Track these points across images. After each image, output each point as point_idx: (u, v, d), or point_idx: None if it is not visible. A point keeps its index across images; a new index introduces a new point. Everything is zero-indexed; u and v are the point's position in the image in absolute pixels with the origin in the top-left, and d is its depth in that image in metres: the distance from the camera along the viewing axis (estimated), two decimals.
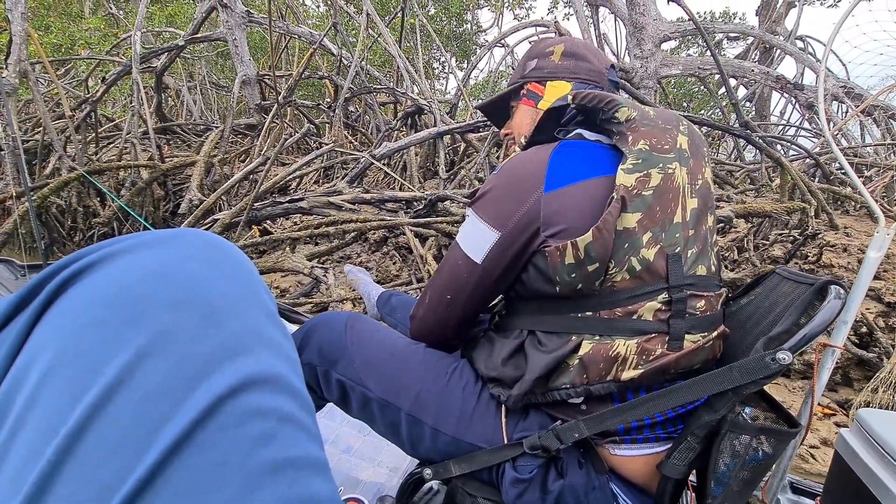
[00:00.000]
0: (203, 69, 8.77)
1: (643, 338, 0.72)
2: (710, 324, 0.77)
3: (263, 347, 0.29)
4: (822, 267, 3.09)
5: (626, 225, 0.72)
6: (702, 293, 0.76)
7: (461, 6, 11.37)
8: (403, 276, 3.52)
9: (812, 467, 2.15)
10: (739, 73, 5.99)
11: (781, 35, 8.12)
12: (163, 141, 5.83)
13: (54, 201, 4.01)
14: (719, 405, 0.67)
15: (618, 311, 0.73)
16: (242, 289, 0.31)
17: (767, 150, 3.78)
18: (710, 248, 0.81)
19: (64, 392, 0.24)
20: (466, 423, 0.82)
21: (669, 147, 0.77)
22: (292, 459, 0.26)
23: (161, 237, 0.30)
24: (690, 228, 0.76)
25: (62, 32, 7.03)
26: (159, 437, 0.23)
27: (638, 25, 5.66)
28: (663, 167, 0.75)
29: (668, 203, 0.75)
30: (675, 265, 0.74)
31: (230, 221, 3.28)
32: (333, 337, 0.92)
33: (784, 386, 2.76)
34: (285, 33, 5.81)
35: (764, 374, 0.64)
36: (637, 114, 0.78)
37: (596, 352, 0.73)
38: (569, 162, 0.78)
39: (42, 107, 4.01)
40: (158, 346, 0.25)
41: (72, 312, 0.26)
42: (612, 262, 0.72)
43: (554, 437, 0.74)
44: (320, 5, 11.44)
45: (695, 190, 0.79)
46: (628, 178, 0.73)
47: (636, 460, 0.76)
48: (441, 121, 4.75)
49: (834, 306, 0.68)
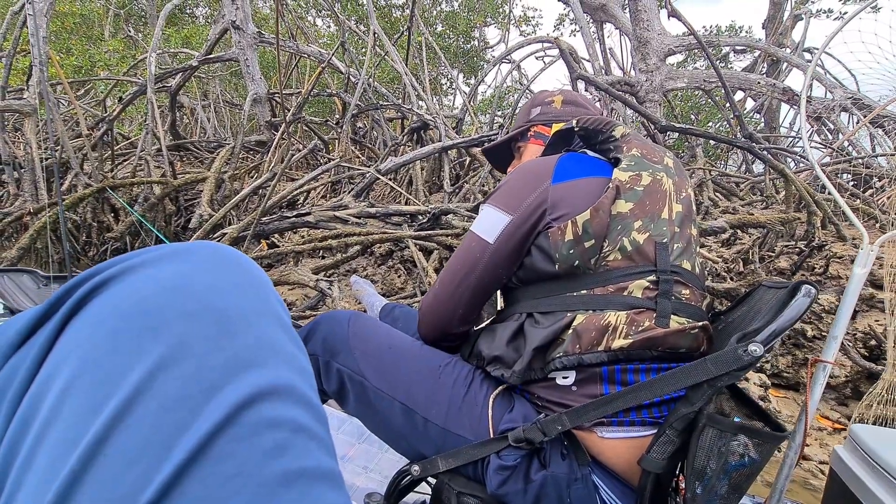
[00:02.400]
0: (217, 88, 9.00)
1: (633, 311, 0.79)
2: (695, 313, 0.83)
3: (277, 359, 0.30)
4: (829, 278, 3.05)
5: (620, 210, 0.81)
6: (687, 283, 0.83)
7: (468, 24, 11.57)
8: (408, 289, 3.54)
9: (820, 483, 2.10)
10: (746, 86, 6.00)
11: (788, 48, 8.12)
12: (176, 158, 5.98)
13: (70, 217, 4.12)
14: (696, 398, 0.69)
15: (610, 287, 0.81)
16: (257, 300, 0.31)
17: (771, 161, 3.77)
18: (693, 250, 0.88)
19: (86, 402, 0.25)
20: (455, 414, 0.86)
21: (658, 160, 0.89)
22: (305, 470, 0.27)
23: (178, 250, 0.31)
24: (676, 226, 0.85)
25: (83, 55, 7.28)
26: (177, 447, 0.24)
27: (642, 40, 5.71)
28: (653, 172, 0.86)
29: (657, 201, 0.84)
30: (663, 252, 0.82)
31: (238, 235, 3.35)
32: (337, 330, 0.98)
33: (793, 400, 2.72)
34: (295, 52, 5.96)
35: (737, 365, 0.66)
36: (630, 131, 0.93)
37: (588, 321, 0.78)
38: (573, 164, 0.90)
39: (60, 126, 4.15)
40: (176, 357, 0.26)
41: (93, 324, 0.27)
42: (607, 241, 0.80)
43: (538, 430, 0.77)
44: (330, 25, 11.72)
45: (679, 199, 0.88)
46: (622, 174, 0.84)
47: (622, 443, 0.77)
48: (446, 135, 4.81)
49: (801, 303, 0.71)
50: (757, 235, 3.50)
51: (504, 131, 4.51)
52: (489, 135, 4.72)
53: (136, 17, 10.97)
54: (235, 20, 5.22)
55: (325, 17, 11.55)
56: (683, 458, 0.73)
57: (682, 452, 0.73)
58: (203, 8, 11.69)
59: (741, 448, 0.71)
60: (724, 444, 0.69)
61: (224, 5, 5.31)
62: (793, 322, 0.69)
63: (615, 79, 5.84)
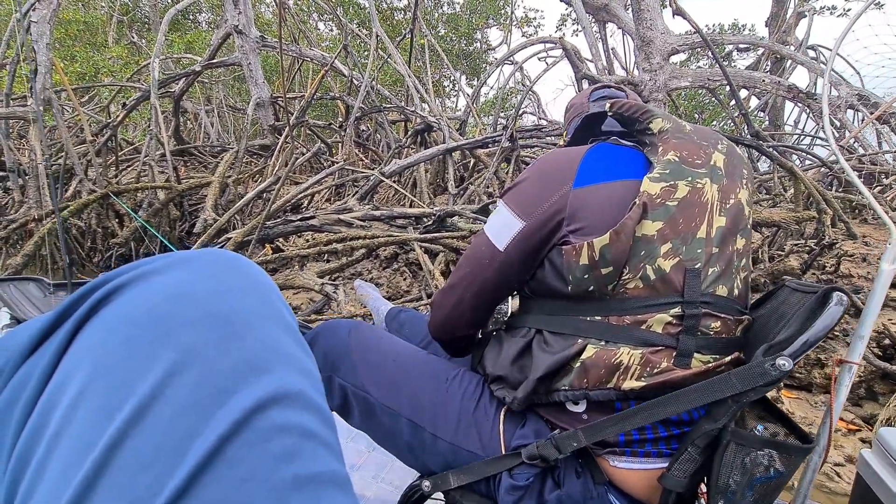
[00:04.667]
0: (220, 93, 9.02)
1: (649, 349, 0.71)
2: (724, 347, 0.74)
3: (285, 364, 0.30)
4: (840, 277, 3.01)
5: (646, 232, 0.71)
6: (719, 314, 0.73)
7: (470, 26, 11.56)
8: (414, 292, 3.52)
9: (838, 486, 2.06)
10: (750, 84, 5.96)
11: (792, 45, 8.07)
12: (180, 163, 5.99)
13: (74, 223, 4.12)
14: (719, 414, 0.66)
15: (627, 318, 0.72)
16: (264, 306, 0.31)
17: (780, 159, 3.73)
18: (736, 270, 0.77)
19: (99, 408, 0.25)
20: (465, 430, 0.82)
21: (702, 162, 0.77)
22: (315, 475, 0.27)
23: (186, 257, 0.31)
24: (715, 246, 0.74)
25: (87, 61, 7.31)
26: (190, 453, 0.24)
27: (646, 39, 5.68)
28: (692, 181, 0.74)
29: (693, 217, 0.74)
30: (693, 280, 0.72)
31: (242, 239, 3.33)
32: (337, 343, 0.93)
33: (806, 401, 2.67)
34: (298, 56, 5.96)
35: (763, 381, 0.62)
36: (670, 126, 0.79)
37: (598, 357, 0.72)
38: (602, 160, 0.79)
39: (65, 132, 4.16)
40: (186, 363, 0.26)
41: (105, 331, 0.27)
42: (627, 268, 0.71)
43: (552, 447, 0.73)
44: (332, 29, 11.74)
45: (725, 209, 0.76)
46: (653, 185, 0.73)
47: (636, 474, 0.74)
48: (450, 137, 4.80)
49: (835, 312, 0.66)
50: (766, 234, 3.46)
51: (508, 133, 4.49)
52: (493, 136, 4.70)
53: (140, 23, 11.02)
54: (238, 25, 5.23)
55: (328, 20, 11.57)
56: (706, 474, 0.70)
57: (704, 468, 0.69)
58: (206, 13, 11.74)
59: (766, 460, 0.67)
60: (748, 458, 0.66)
61: (226, 10, 5.31)
62: (825, 333, 0.65)
63: (619, 78, 5.81)
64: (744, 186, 0.81)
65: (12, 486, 0.25)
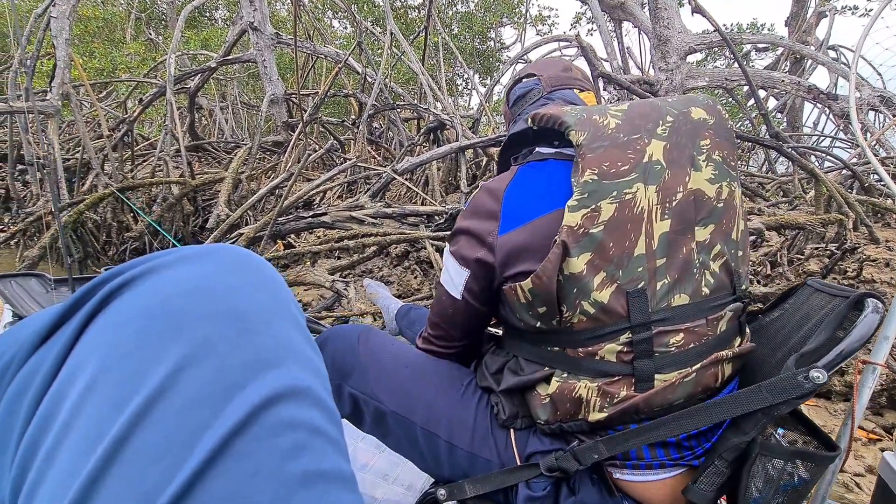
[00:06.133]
0: (235, 90, 9.09)
1: (605, 380, 0.69)
2: (694, 356, 0.70)
3: (294, 360, 0.30)
4: (862, 282, 2.93)
5: (572, 270, 0.67)
6: (679, 326, 0.69)
7: (484, 24, 11.52)
8: (424, 291, 3.51)
9: (856, 497, 2.01)
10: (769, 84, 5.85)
11: (812, 45, 7.91)
12: (194, 158, 6.04)
13: (90, 217, 4.17)
14: (748, 426, 0.64)
15: (580, 350, 0.71)
16: (274, 303, 0.32)
17: (800, 161, 3.65)
18: (700, 268, 0.71)
19: (109, 400, 0.25)
20: (482, 439, 0.80)
21: (630, 166, 0.69)
22: (322, 472, 0.27)
23: (198, 252, 0.31)
24: (660, 257, 0.69)
25: (105, 58, 7.41)
26: (198, 446, 0.24)
27: (662, 38, 5.60)
28: (618, 195, 0.67)
29: (626, 235, 0.68)
30: (638, 301, 0.68)
31: (254, 235, 3.35)
32: (346, 350, 0.91)
33: (825, 409, 2.61)
34: (312, 53, 5.98)
35: (796, 393, 0.60)
36: (586, 135, 0.70)
37: (562, 391, 0.71)
38: (524, 195, 0.75)
39: (82, 127, 4.22)
40: (196, 357, 0.26)
41: (115, 324, 0.27)
42: (564, 306, 0.69)
43: (572, 459, 0.71)
44: (347, 27, 11.78)
45: (668, 209, 0.69)
46: (573, 217, 0.67)
47: (639, 486, 0.73)
48: (463, 135, 4.77)
49: (872, 320, 0.64)
50: (785, 237, 3.38)
51: None
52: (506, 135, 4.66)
53: (157, 20, 11.14)
54: (253, 21, 5.25)
55: (342, 18, 11.61)
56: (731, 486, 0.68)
57: (729, 481, 0.68)
58: (222, 10, 11.85)
59: (791, 468, 0.66)
60: (774, 467, 0.64)
61: (242, 7, 5.34)
62: (861, 344, 0.62)
63: (635, 78, 5.74)
64: (697, 167, 0.72)
65: (20, 477, 0.25)
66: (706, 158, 0.72)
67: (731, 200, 0.74)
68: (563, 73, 0.94)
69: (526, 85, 0.97)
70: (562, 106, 0.81)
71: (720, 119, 0.75)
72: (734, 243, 0.74)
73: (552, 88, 0.93)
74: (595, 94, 0.97)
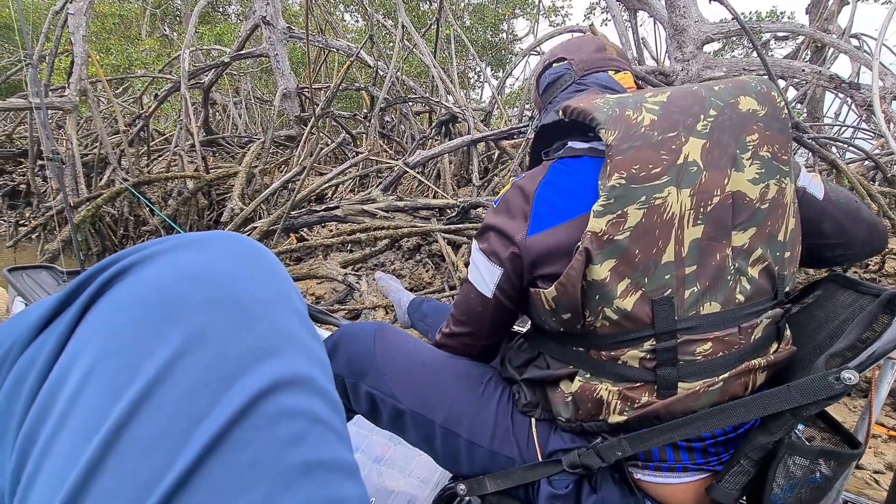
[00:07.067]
0: (248, 85, 9.14)
1: (627, 385, 0.69)
2: (723, 366, 0.68)
3: (294, 349, 0.29)
4: (885, 276, 2.87)
5: (595, 277, 0.65)
6: (707, 335, 0.67)
7: (496, 16, 11.41)
8: (436, 284, 3.51)
9: (876, 494, 1.97)
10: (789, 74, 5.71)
11: (834, 33, 7.69)
12: (208, 153, 6.10)
13: (108, 211, 4.24)
14: (775, 427, 0.63)
15: (603, 354, 0.70)
16: (274, 290, 0.31)
17: (821, 152, 3.56)
18: (734, 275, 0.68)
19: (106, 389, 0.25)
20: (503, 436, 0.80)
21: (662, 168, 0.65)
22: (323, 461, 0.27)
23: (196, 239, 0.31)
24: (690, 265, 0.66)
25: (121, 54, 7.50)
26: (196, 435, 0.24)
27: (679, 28, 5.49)
28: (647, 200, 0.65)
29: (653, 242, 0.65)
30: (664, 310, 0.66)
31: (267, 229, 3.37)
32: (361, 348, 0.90)
33: (844, 404, 2.56)
34: (324, 47, 5.98)
35: (827, 394, 0.59)
36: (617, 136, 0.66)
37: (583, 391, 0.71)
38: (555, 196, 0.73)
39: (99, 123, 4.28)
40: (195, 344, 0.26)
41: (112, 312, 0.27)
42: (587, 311, 0.68)
43: (595, 456, 0.71)
44: (358, 20, 11.76)
45: (702, 214, 0.66)
46: (598, 222, 0.65)
47: (661, 488, 0.72)
48: (475, 128, 4.75)
49: None
50: None
51: (533, 123, 4.41)
52: (518, 127, 4.62)
53: (172, 16, 11.24)
54: (266, 15, 5.27)
55: (353, 12, 11.59)
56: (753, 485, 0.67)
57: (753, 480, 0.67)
58: (235, 5, 11.90)
59: (813, 466, 0.65)
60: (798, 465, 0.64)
61: (254, 1, 5.36)
62: (894, 346, 0.61)
63: (650, 68, 5.64)
64: (746, 163, 0.67)
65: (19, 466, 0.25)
66: (751, 156, 0.68)
67: (780, 199, 0.69)
68: (596, 55, 0.89)
69: (556, 70, 0.92)
70: (596, 93, 0.79)
71: (773, 109, 0.70)
72: (780, 245, 0.70)
73: (585, 72, 0.88)
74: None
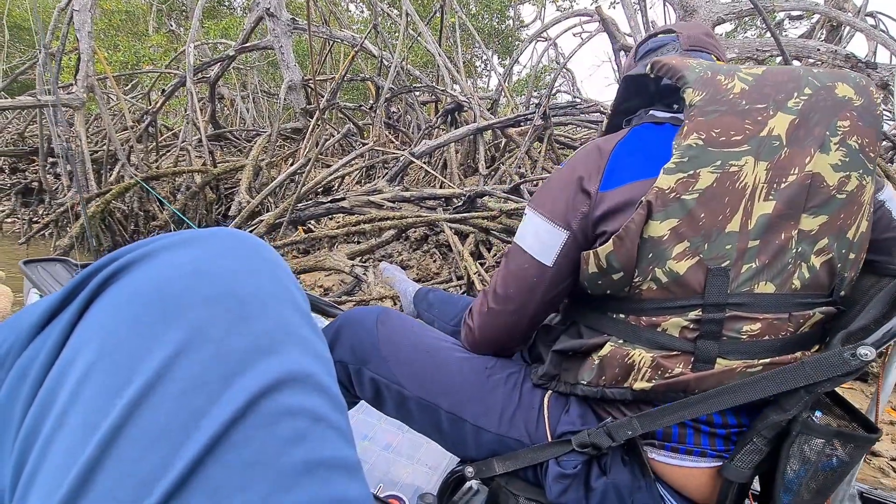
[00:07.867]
0: (255, 79, 9.15)
1: (661, 353, 0.66)
2: (766, 350, 0.65)
3: (295, 346, 0.29)
4: None
5: (653, 234, 0.64)
6: (757, 315, 0.64)
7: (503, 2, 11.25)
8: (444, 274, 3.50)
9: (892, 482, 1.93)
10: (803, 53, 5.56)
11: (850, 12, 7.47)
12: (216, 147, 6.12)
13: (118, 206, 4.28)
14: (790, 404, 0.61)
15: (643, 319, 0.68)
16: (275, 286, 0.31)
17: None
18: (794, 259, 0.65)
19: (106, 386, 0.25)
20: (509, 419, 0.79)
21: (744, 137, 0.64)
22: (324, 460, 0.26)
23: (196, 236, 0.31)
24: (753, 239, 0.64)
25: (129, 50, 7.53)
26: (196, 434, 0.24)
27: (689, 9, 5.36)
28: (721, 164, 0.63)
29: (721, 209, 0.64)
30: (718, 280, 0.64)
31: (274, 222, 3.38)
32: (364, 334, 0.89)
33: (861, 391, 2.52)
34: (328, 38, 5.94)
35: (843, 370, 0.57)
36: (703, 97, 0.65)
37: (613, 355, 0.69)
38: (631, 156, 0.71)
39: (108, 119, 4.31)
40: (196, 341, 0.26)
41: (113, 308, 0.27)
42: (637, 272, 0.66)
43: (605, 435, 0.69)
44: (363, 10, 11.67)
45: (775, 190, 0.64)
46: (667, 179, 0.64)
47: (676, 470, 0.70)
48: (481, 116, 4.70)
49: None
50: None
51: (540, 111, 4.35)
52: (526, 114, 4.57)
53: (178, 11, 11.25)
54: (270, 7, 5.24)
55: (358, 2, 11.51)
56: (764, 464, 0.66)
57: (766, 460, 0.65)
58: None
59: (829, 449, 0.63)
60: (814, 448, 0.62)
61: None
62: None
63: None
64: (833, 146, 0.64)
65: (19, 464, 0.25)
66: (839, 142, 0.65)
67: (858, 195, 0.65)
68: (705, 37, 0.88)
69: (661, 40, 0.91)
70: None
71: (869, 103, 0.66)
72: (847, 243, 0.66)
73: (690, 48, 0.86)
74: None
